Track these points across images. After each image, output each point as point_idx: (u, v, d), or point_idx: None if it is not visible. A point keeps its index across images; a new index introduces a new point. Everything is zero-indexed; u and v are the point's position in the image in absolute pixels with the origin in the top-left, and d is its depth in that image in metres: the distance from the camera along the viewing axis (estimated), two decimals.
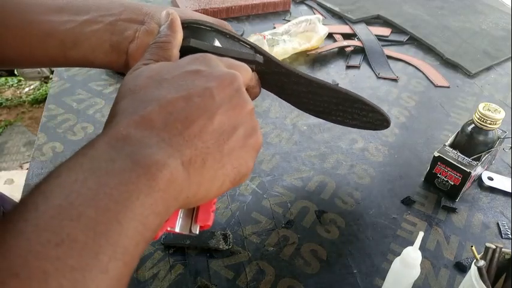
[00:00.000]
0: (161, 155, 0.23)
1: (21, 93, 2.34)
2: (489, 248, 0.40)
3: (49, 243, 0.19)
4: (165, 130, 0.24)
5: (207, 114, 0.26)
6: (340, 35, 0.95)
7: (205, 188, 0.26)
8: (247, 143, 0.29)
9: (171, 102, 0.25)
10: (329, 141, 0.68)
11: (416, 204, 0.58)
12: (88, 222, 0.20)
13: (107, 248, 0.20)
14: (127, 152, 0.23)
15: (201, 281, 0.47)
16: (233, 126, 0.28)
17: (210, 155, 0.26)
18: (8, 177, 1.84)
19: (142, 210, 0.22)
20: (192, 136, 0.25)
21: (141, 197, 0.22)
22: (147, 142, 0.24)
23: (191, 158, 0.25)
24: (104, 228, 0.20)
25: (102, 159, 0.22)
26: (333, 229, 0.54)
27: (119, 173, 0.22)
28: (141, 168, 0.22)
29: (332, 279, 0.48)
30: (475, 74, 0.87)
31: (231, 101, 0.28)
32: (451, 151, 0.58)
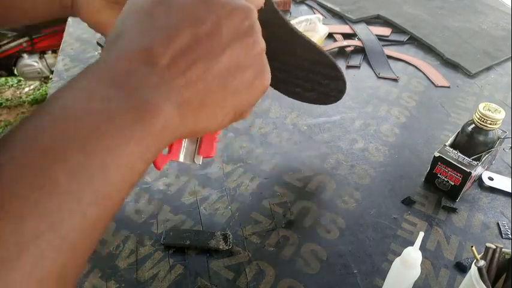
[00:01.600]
0: (159, 99, 0.23)
1: (21, 94, 2.34)
2: (489, 248, 0.40)
3: (31, 186, 0.19)
4: (167, 69, 0.24)
5: (213, 53, 0.25)
6: (341, 34, 0.95)
7: (202, 126, 0.26)
8: (254, 84, 0.27)
9: (178, 36, 0.24)
10: (329, 141, 0.68)
11: (417, 204, 0.58)
12: (74, 166, 0.20)
13: (88, 194, 0.20)
14: (125, 93, 0.22)
15: (201, 282, 0.47)
16: (240, 67, 0.26)
17: (211, 97, 0.25)
18: None
19: (131, 158, 0.22)
20: (194, 77, 0.24)
21: (132, 144, 0.22)
22: (147, 81, 0.23)
23: (190, 98, 0.24)
24: (89, 174, 0.20)
25: (99, 97, 0.22)
26: (333, 229, 0.54)
27: (114, 116, 0.21)
28: (136, 113, 0.22)
29: (332, 280, 0.48)
30: (475, 74, 0.87)
31: (241, 40, 0.26)
32: (452, 151, 0.58)
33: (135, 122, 0.22)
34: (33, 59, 2.09)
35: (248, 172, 0.61)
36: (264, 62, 0.28)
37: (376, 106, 0.76)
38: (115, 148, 0.21)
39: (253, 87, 0.27)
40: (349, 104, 0.77)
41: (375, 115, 0.74)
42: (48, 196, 0.19)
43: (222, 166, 0.62)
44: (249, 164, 0.63)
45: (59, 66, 0.83)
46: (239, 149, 0.65)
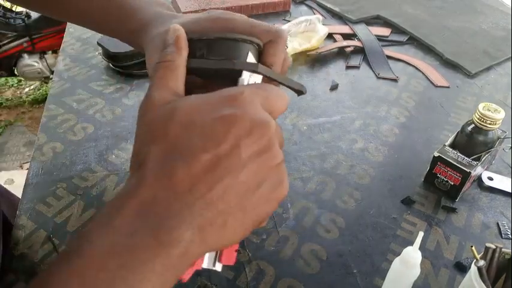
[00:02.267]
0: (181, 229, 0.24)
1: (21, 94, 2.34)
2: (489, 248, 0.40)
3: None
4: (189, 193, 0.25)
5: (232, 174, 0.25)
6: (340, 35, 0.95)
7: (222, 243, 0.27)
8: (271, 197, 0.28)
9: (199, 161, 0.25)
10: (329, 141, 0.68)
11: (416, 204, 0.58)
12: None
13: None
14: (149, 224, 0.24)
15: (201, 281, 0.47)
16: (258, 183, 0.27)
17: (231, 215, 0.26)
18: (8, 177, 1.84)
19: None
20: (214, 198, 0.25)
21: (154, 278, 0.23)
22: (170, 210, 0.24)
23: (211, 220, 0.25)
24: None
25: (124, 232, 0.23)
26: (333, 229, 0.54)
27: (138, 251, 0.23)
28: (158, 246, 0.23)
29: (332, 279, 0.48)
30: (475, 74, 0.87)
31: (259, 156, 0.26)
32: (451, 151, 0.58)
33: (156, 256, 0.23)
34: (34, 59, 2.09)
35: None
36: (281, 174, 0.28)
37: (376, 106, 0.77)
38: (137, 285, 0.23)
39: (271, 200, 0.28)
40: (349, 104, 0.77)
41: (375, 115, 0.74)
42: None
43: None
44: None
45: (59, 67, 0.83)
46: None
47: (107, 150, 0.64)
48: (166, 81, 0.30)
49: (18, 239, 0.51)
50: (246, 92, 0.28)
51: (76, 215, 0.54)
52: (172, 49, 0.32)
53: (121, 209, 0.24)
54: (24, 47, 2.05)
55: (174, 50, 0.32)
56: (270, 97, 0.29)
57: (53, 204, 0.55)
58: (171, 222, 0.24)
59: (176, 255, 0.24)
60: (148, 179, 0.25)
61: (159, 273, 0.23)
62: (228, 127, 0.26)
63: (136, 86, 0.78)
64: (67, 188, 0.57)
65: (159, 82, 0.30)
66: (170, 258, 0.23)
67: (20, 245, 0.50)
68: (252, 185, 0.26)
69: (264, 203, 0.27)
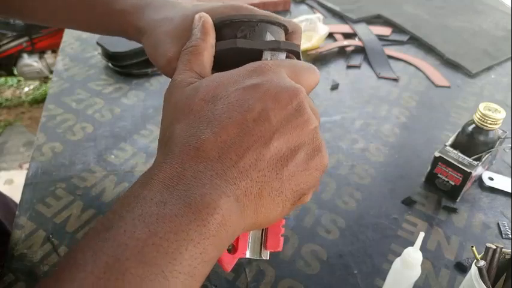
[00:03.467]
0: (214, 195, 0.23)
1: (20, 93, 2.34)
2: (489, 248, 0.40)
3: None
4: (219, 161, 0.24)
5: (263, 140, 0.24)
6: (341, 34, 0.95)
7: (263, 216, 0.25)
8: (310, 165, 0.26)
9: (225, 129, 0.24)
10: (329, 141, 0.68)
11: (417, 204, 0.58)
12: (133, 279, 0.20)
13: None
14: (179, 192, 0.22)
15: None
16: (292, 150, 0.25)
17: (267, 184, 0.24)
18: (7, 177, 1.84)
19: (191, 261, 0.21)
20: (247, 166, 0.24)
21: (190, 247, 0.21)
22: (200, 178, 0.23)
23: (246, 189, 0.24)
24: (150, 286, 0.20)
25: (154, 202, 0.22)
26: (333, 229, 0.54)
27: (169, 219, 0.21)
28: (192, 213, 0.22)
29: (332, 280, 0.48)
30: (475, 74, 0.87)
31: (290, 121, 0.25)
32: (452, 151, 0.58)
33: (190, 222, 0.22)
34: (33, 59, 2.09)
35: None
36: (318, 139, 0.27)
37: (377, 106, 0.76)
38: (173, 253, 0.21)
39: (310, 168, 0.26)
40: (349, 104, 0.76)
41: (375, 115, 0.74)
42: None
43: None
44: None
45: (59, 66, 0.82)
46: None
47: (106, 150, 0.64)
48: (191, 66, 0.30)
49: (17, 239, 0.51)
50: (269, 63, 0.27)
51: (75, 215, 0.54)
52: (198, 35, 0.31)
53: (148, 183, 0.23)
54: (23, 46, 2.05)
55: (199, 36, 0.31)
56: (297, 68, 0.29)
57: (52, 205, 0.55)
58: (202, 189, 0.23)
59: (213, 222, 0.22)
60: (175, 152, 0.24)
61: (195, 241, 0.21)
62: (252, 95, 0.25)
63: (135, 85, 0.78)
64: (66, 188, 0.57)
65: (184, 66, 0.30)
66: (207, 226, 0.22)
67: (20, 245, 0.50)
68: (286, 151, 0.25)
69: (302, 171, 0.26)
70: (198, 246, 0.22)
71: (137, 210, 0.22)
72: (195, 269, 0.22)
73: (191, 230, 0.21)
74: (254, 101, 0.25)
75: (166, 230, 0.21)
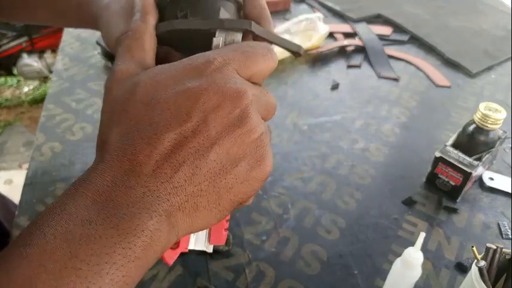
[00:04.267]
0: (143, 216, 0.21)
1: (20, 93, 2.34)
2: (490, 248, 0.40)
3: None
4: (152, 176, 0.22)
5: (200, 152, 0.23)
6: (341, 34, 0.95)
7: (198, 226, 0.24)
8: (250, 176, 0.25)
9: (161, 140, 0.22)
10: (330, 141, 0.68)
11: (418, 204, 0.58)
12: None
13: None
14: (107, 211, 0.21)
15: (201, 282, 0.47)
16: (232, 162, 0.24)
17: (203, 198, 0.23)
18: (7, 177, 1.84)
19: (110, 285, 0.20)
20: (182, 181, 0.22)
21: (113, 270, 0.20)
22: (131, 195, 0.22)
23: (180, 205, 0.23)
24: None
25: (79, 219, 0.21)
26: (334, 230, 0.54)
27: (93, 240, 0.20)
28: (118, 235, 0.21)
29: (333, 280, 0.48)
30: (476, 74, 0.86)
31: (232, 132, 0.23)
32: (452, 151, 0.58)
33: (115, 244, 0.20)
34: (33, 59, 2.09)
35: None
36: (261, 150, 0.25)
37: (377, 106, 0.76)
38: (92, 277, 0.20)
39: (251, 179, 0.25)
40: (349, 103, 0.76)
41: (376, 115, 0.74)
42: None
43: None
44: None
45: (58, 66, 0.82)
46: None
47: None
48: (131, 53, 0.27)
49: None
50: (216, 58, 0.25)
51: None
52: (138, 16, 0.29)
53: (76, 195, 0.22)
54: (23, 46, 2.05)
55: (138, 17, 0.28)
56: (250, 59, 0.26)
57: None
58: (131, 209, 0.21)
59: (139, 245, 0.21)
60: (107, 163, 0.23)
61: (119, 264, 0.20)
62: (192, 102, 0.23)
63: None
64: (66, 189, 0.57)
65: (124, 54, 0.27)
66: (132, 249, 0.21)
67: None
68: (225, 163, 0.23)
69: (242, 183, 0.24)
70: (121, 269, 0.20)
71: (60, 228, 0.20)
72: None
73: (115, 252, 0.20)
74: (193, 110, 0.23)
75: (88, 252, 0.20)
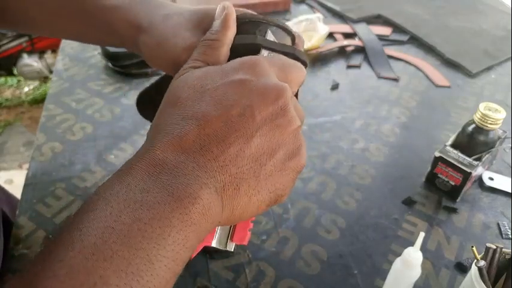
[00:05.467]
0: (195, 186, 0.23)
1: (20, 93, 2.34)
2: (489, 248, 0.40)
3: (82, 286, 0.19)
4: (200, 153, 0.24)
5: (245, 137, 0.25)
6: (341, 34, 0.95)
7: (238, 213, 0.26)
8: (287, 166, 0.26)
9: (209, 122, 0.24)
10: (329, 141, 0.68)
11: (417, 204, 0.58)
12: (120, 262, 0.20)
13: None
14: (162, 181, 0.23)
15: (201, 282, 0.47)
16: (272, 149, 0.26)
17: (245, 181, 0.25)
18: (7, 177, 1.84)
19: (173, 246, 0.22)
20: (227, 161, 0.24)
21: (173, 233, 0.22)
22: (182, 169, 0.23)
23: (225, 184, 0.24)
24: (136, 269, 0.20)
25: (138, 189, 0.22)
26: (334, 229, 0.54)
27: (153, 206, 0.22)
28: (174, 201, 0.22)
29: (333, 280, 0.48)
30: (475, 74, 0.86)
31: (274, 120, 0.26)
32: (452, 151, 0.58)
33: (173, 210, 0.22)
34: (33, 59, 2.09)
35: None
36: (298, 141, 0.27)
37: (377, 106, 0.76)
38: (157, 238, 0.21)
39: (287, 169, 0.26)
40: (349, 103, 0.76)
41: (376, 115, 0.74)
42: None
43: None
44: None
45: (59, 66, 0.82)
46: None
47: (106, 150, 0.64)
48: (205, 58, 0.30)
49: (18, 239, 0.50)
50: (262, 59, 0.28)
51: None
52: (219, 28, 0.31)
53: (132, 170, 0.23)
54: (23, 46, 2.05)
55: (220, 29, 0.31)
56: (286, 66, 0.29)
57: (52, 205, 0.55)
58: (184, 179, 0.23)
59: (194, 211, 0.23)
60: (159, 141, 0.24)
61: (178, 228, 0.22)
62: (239, 90, 0.25)
63: (135, 85, 0.78)
64: (66, 189, 0.57)
65: (198, 56, 0.30)
66: (189, 214, 0.22)
67: (20, 245, 0.50)
68: (266, 149, 0.25)
69: (280, 171, 0.26)
70: (180, 233, 0.22)
71: (122, 196, 0.22)
72: (177, 254, 0.22)
73: (174, 217, 0.22)
74: (240, 97, 0.25)
75: (150, 216, 0.21)
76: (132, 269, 0.20)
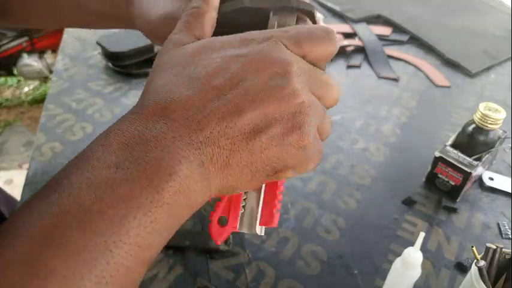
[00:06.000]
0: (172, 160, 0.21)
1: (20, 93, 2.34)
2: (489, 248, 0.40)
3: (27, 276, 0.18)
4: (185, 124, 0.22)
5: (237, 109, 0.23)
6: (341, 34, 0.95)
7: (230, 185, 0.24)
8: (286, 141, 0.24)
9: (198, 92, 0.23)
10: (329, 141, 0.68)
11: (417, 204, 0.58)
12: (72, 249, 0.18)
13: (89, 280, 0.18)
14: (136, 154, 0.21)
15: (201, 282, 0.47)
16: (268, 122, 0.24)
17: (236, 154, 0.23)
18: (7, 177, 1.84)
19: (138, 230, 0.20)
20: (215, 133, 0.22)
21: (139, 215, 0.20)
22: (161, 140, 0.21)
23: (212, 156, 0.22)
24: (89, 257, 0.18)
25: (106, 165, 0.20)
26: (334, 230, 0.54)
27: (119, 184, 0.20)
28: (145, 178, 0.20)
29: (333, 280, 0.48)
30: (475, 74, 0.86)
31: (271, 94, 0.23)
32: (452, 151, 0.58)
33: (142, 189, 0.20)
34: (33, 59, 2.09)
35: None
36: (300, 117, 0.25)
37: (377, 106, 0.76)
38: (119, 222, 0.19)
39: (286, 144, 0.24)
40: (349, 103, 0.76)
41: (376, 115, 0.74)
42: (45, 285, 0.18)
43: None
44: None
45: (59, 66, 0.82)
46: None
47: None
48: (190, 27, 0.28)
49: None
50: (265, 34, 0.25)
51: None
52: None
53: (106, 141, 0.21)
54: (23, 46, 2.05)
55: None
56: (302, 38, 0.26)
57: None
58: (160, 153, 0.21)
59: (168, 190, 0.20)
60: (143, 108, 0.22)
61: (146, 209, 0.20)
62: (236, 64, 0.24)
63: (135, 85, 0.78)
64: None
65: (182, 27, 0.28)
66: (161, 193, 0.20)
67: None
68: (260, 123, 0.23)
69: (276, 146, 0.24)
70: (149, 214, 0.20)
71: (86, 173, 0.20)
72: (143, 239, 0.20)
73: (142, 197, 0.20)
74: (236, 70, 0.24)
75: (114, 196, 0.19)
76: (85, 257, 0.18)
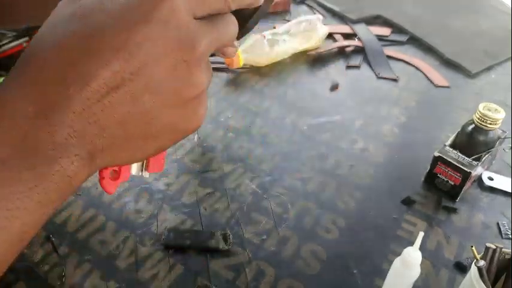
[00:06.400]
0: (63, 161, 0.21)
1: None
2: (489, 248, 0.40)
3: None
4: (81, 116, 0.20)
5: (137, 96, 0.21)
6: (340, 34, 0.95)
7: (120, 163, 0.24)
8: (179, 127, 0.24)
9: (96, 77, 0.20)
10: (329, 141, 0.68)
11: (417, 204, 0.58)
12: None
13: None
14: (25, 152, 0.20)
15: (201, 282, 0.47)
16: (167, 110, 0.23)
17: (131, 142, 0.23)
18: None
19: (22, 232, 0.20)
20: (111, 124, 0.21)
21: (25, 216, 0.20)
22: (53, 135, 0.20)
23: (104, 147, 0.22)
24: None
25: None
26: (333, 229, 0.54)
27: (3, 183, 0.19)
28: (34, 179, 0.20)
29: (332, 280, 0.48)
30: (475, 74, 0.87)
31: (174, 80, 0.22)
32: (451, 151, 0.58)
33: (30, 189, 0.20)
34: None
35: (248, 172, 0.61)
36: (196, 106, 0.24)
37: (376, 106, 0.76)
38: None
39: (178, 131, 0.24)
40: (349, 104, 0.77)
41: (375, 115, 0.74)
42: None
43: (222, 166, 0.62)
44: (249, 164, 0.63)
45: None
46: (239, 149, 0.65)
47: None
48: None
49: None
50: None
51: (75, 215, 0.54)
52: None
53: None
54: (24, 46, 2.05)
55: None
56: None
57: None
58: (51, 152, 0.20)
59: (55, 190, 0.20)
60: (33, 87, 0.20)
61: (31, 210, 0.20)
62: (137, 42, 0.21)
63: None
64: None
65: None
66: (48, 194, 0.20)
67: None
68: (158, 110, 0.22)
69: (169, 132, 0.24)
70: (33, 214, 0.20)
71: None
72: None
73: (28, 198, 0.20)
74: (137, 52, 0.21)
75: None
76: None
